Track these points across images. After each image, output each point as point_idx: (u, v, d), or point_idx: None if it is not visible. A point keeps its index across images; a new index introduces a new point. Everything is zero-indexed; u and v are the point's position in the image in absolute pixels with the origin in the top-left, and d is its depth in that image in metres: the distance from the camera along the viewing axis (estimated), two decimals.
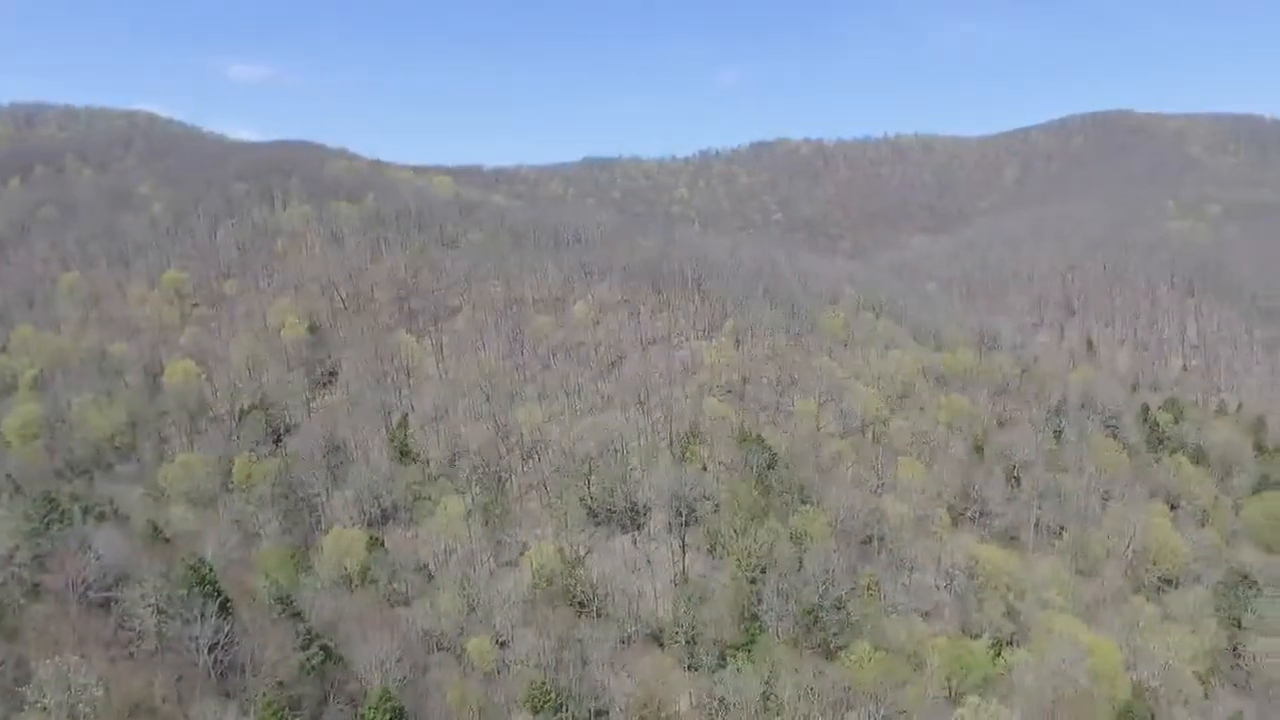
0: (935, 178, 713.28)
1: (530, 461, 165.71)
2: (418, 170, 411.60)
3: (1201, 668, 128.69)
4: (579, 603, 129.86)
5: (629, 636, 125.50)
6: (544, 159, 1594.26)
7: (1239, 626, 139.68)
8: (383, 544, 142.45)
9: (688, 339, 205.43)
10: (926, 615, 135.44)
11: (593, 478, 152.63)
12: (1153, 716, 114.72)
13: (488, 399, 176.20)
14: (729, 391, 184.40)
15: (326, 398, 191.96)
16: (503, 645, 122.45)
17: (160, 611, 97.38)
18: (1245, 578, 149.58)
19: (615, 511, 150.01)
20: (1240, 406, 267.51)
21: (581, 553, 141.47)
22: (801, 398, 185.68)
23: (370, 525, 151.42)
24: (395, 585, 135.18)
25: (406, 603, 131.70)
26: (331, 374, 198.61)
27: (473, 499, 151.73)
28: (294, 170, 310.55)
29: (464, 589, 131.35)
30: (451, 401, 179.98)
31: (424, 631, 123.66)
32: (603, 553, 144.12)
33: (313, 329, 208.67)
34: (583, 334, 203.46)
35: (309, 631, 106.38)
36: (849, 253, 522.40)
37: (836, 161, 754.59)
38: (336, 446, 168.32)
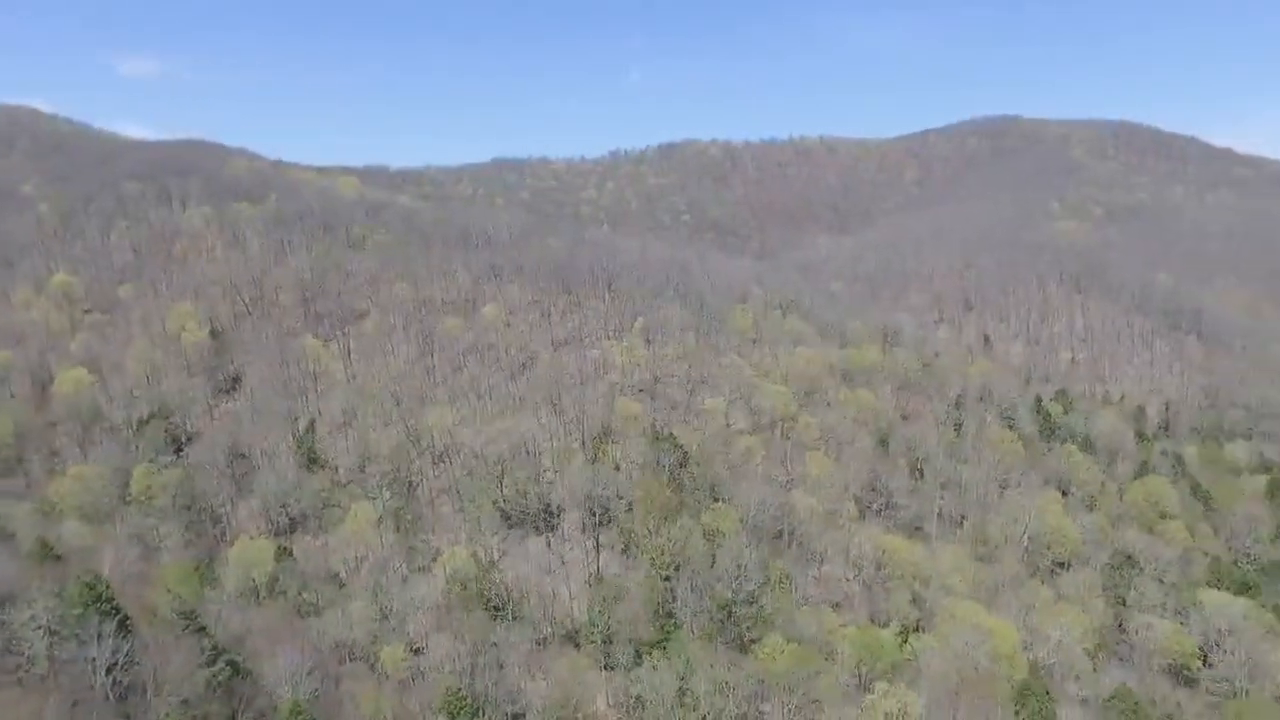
0: (839, 179, 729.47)
1: (442, 465, 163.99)
2: (321, 171, 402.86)
3: (1090, 644, 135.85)
4: (494, 606, 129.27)
5: (545, 638, 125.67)
6: (452, 159, 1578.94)
7: (1124, 604, 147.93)
8: (291, 553, 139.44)
9: (598, 339, 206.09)
10: (836, 606, 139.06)
11: (505, 480, 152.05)
12: (1048, 692, 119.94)
13: (397, 403, 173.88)
14: (640, 391, 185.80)
15: (229, 405, 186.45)
16: (417, 652, 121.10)
17: (52, 633, 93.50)
18: (1129, 558, 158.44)
19: (529, 513, 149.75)
20: (1123, 396, 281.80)
21: (495, 556, 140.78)
22: (711, 396, 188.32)
23: (278, 535, 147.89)
24: (305, 595, 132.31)
25: (317, 613, 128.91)
26: (235, 380, 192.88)
27: (384, 505, 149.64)
28: (192, 170, 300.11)
29: (376, 596, 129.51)
30: (360, 406, 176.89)
31: (336, 642, 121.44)
32: (517, 555, 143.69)
33: (214, 334, 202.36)
34: (493, 336, 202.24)
35: (215, 647, 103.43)
36: (756, 253, 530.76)
37: (743, 162, 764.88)
38: (241, 455, 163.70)
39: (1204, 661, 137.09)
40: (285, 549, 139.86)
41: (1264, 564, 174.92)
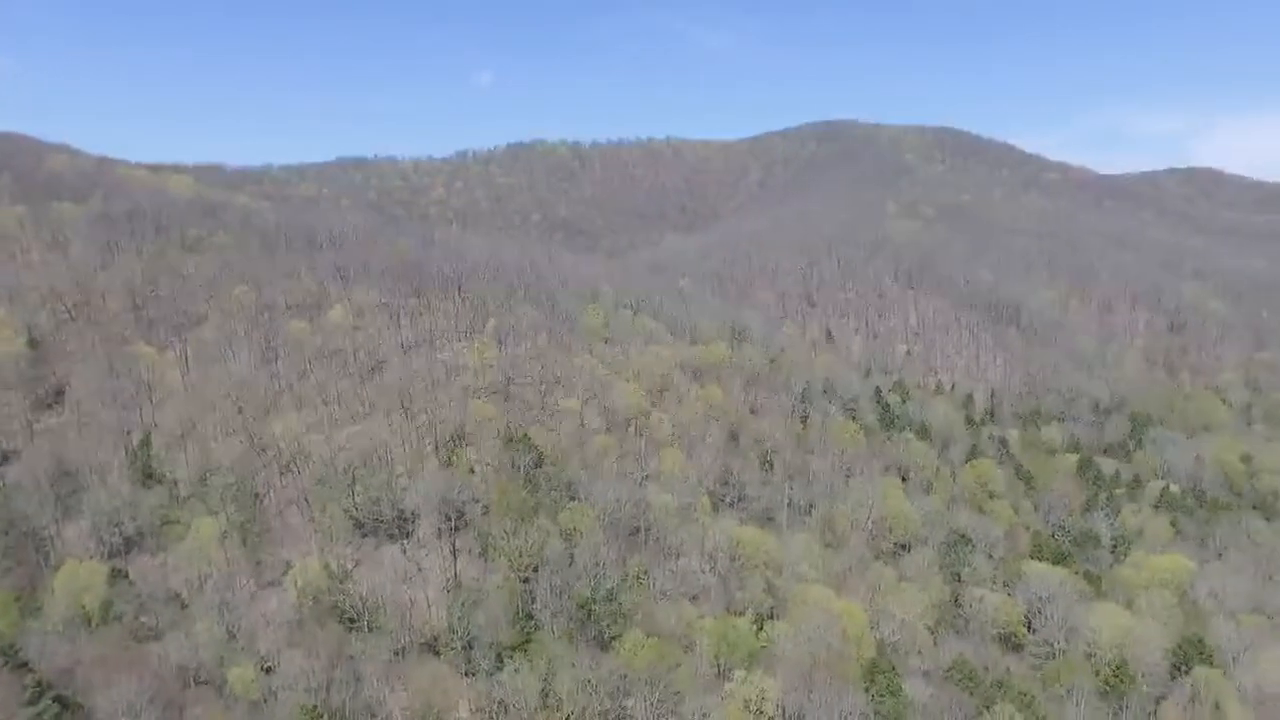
0: (685, 179, 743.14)
1: (289, 475, 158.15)
2: (153, 169, 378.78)
3: (931, 620, 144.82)
4: (349, 618, 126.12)
5: (403, 648, 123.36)
6: (293, 158, 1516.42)
7: (959, 580, 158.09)
8: (127, 575, 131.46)
9: (450, 341, 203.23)
10: (694, 598, 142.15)
11: (357, 488, 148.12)
12: (894, 668, 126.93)
13: (240, 411, 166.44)
14: (494, 393, 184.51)
15: (52, 419, 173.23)
16: (268, 671, 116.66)
17: None
18: (963, 537, 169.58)
19: (382, 521, 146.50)
20: (953, 386, 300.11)
21: (349, 566, 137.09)
22: (565, 395, 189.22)
23: (111, 556, 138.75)
24: (143, 619, 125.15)
25: (157, 637, 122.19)
26: (58, 393, 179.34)
27: (228, 519, 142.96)
28: (3, 166, 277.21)
29: (223, 615, 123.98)
30: (200, 416, 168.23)
31: (179, 666, 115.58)
32: (371, 564, 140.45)
33: (32, 343, 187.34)
34: (341, 339, 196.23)
35: (38, 683, 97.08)
36: (606, 252, 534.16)
37: (592, 163, 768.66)
38: (67, 472, 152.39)
39: (1028, 627, 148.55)
40: (119, 571, 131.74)
41: (1075, 535, 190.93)
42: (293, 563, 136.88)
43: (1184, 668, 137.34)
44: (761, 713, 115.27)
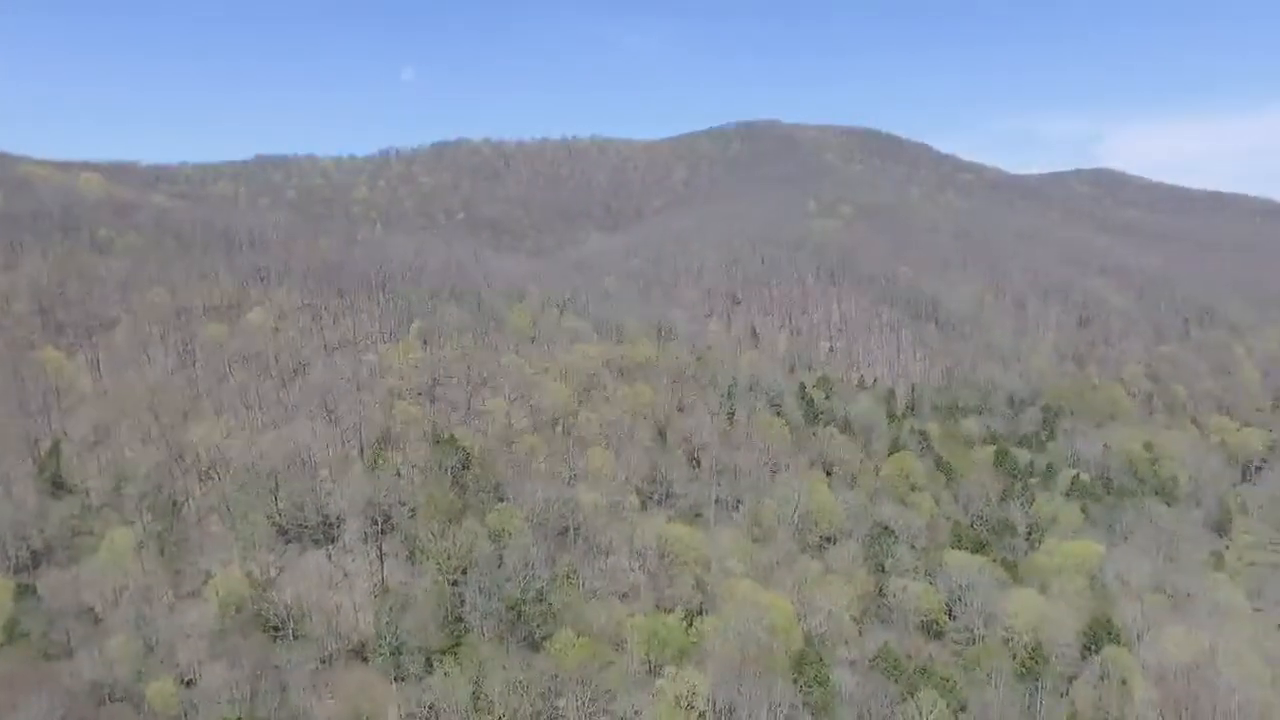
0: (610, 178, 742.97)
1: (209, 482, 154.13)
2: (60, 166, 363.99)
3: (856, 610, 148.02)
4: (273, 627, 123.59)
5: (330, 655, 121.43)
6: (209, 156, 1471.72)
7: (883, 570, 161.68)
8: (35, 591, 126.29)
9: (374, 343, 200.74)
10: (624, 596, 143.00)
11: (280, 493, 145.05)
12: (821, 659, 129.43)
13: (156, 417, 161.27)
14: (419, 394, 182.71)
15: None
16: (189, 684, 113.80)
17: None
18: (886, 529, 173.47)
19: (307, 526, 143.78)
20: (875, 380, 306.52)
21: (272, 573, 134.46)
22: (492, 396, 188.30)
23: (18, 571, 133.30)
24: (53, 636, 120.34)
25: (69, 654, 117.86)
26: None
27: (144, 528, 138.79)
28: None
29: (139, 629, 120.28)
30: (113, 423, 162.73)
31: (92, 683, 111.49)
32: (295, 571, 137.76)
33: None
34: (261, 342, 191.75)
35: None
36: (532, 251, 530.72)
37: (516, 162, 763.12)
38: None
39: (949, 615, 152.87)
40: (27, 586, 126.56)
41: (993, 524, 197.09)
42: (213, 572, 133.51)
43: (1094, 647, 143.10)
44: (692, 708, 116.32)
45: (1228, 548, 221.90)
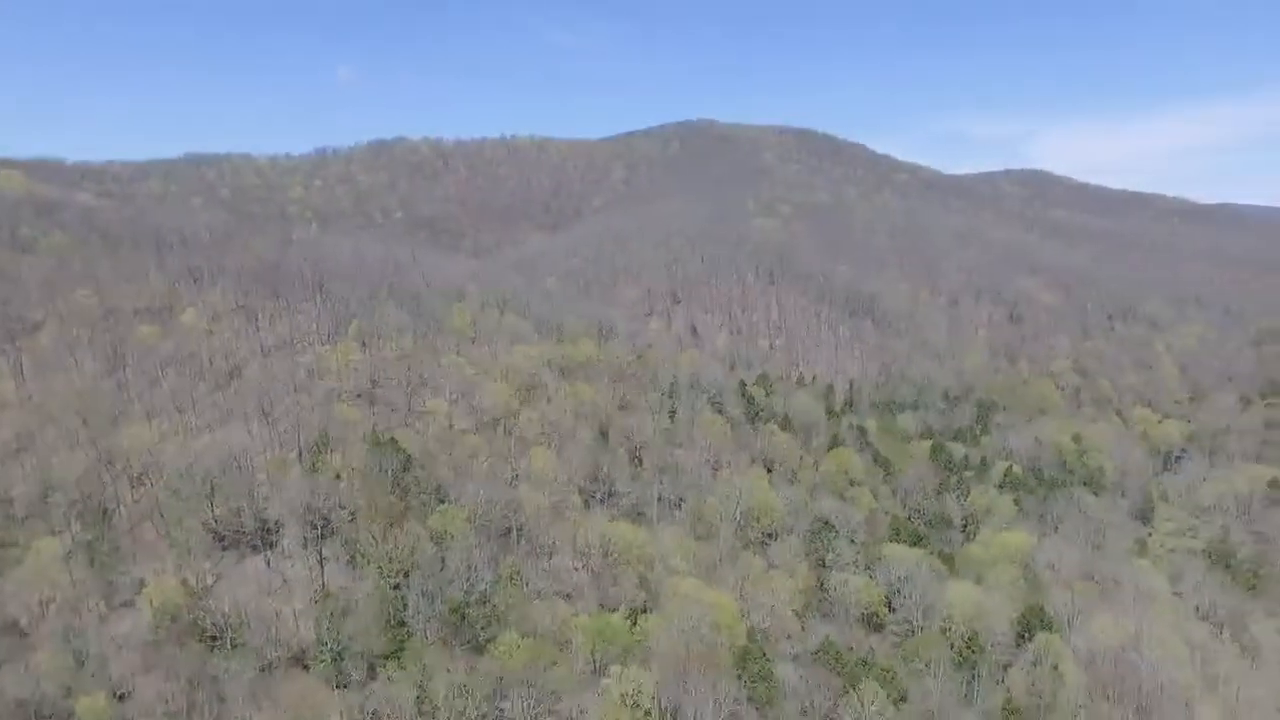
0: (550, 178, 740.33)
1: (142, 488, 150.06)
2: None
3: (798, 605, 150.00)
4: (210, 636, 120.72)
5: (270, 663, 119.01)
6: (138, 154, 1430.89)
7: (824, 565, 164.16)
8: None
9: (311, 344, 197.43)
10: (568, 596, 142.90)
11: (216, 499, 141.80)
12: (765, 654, 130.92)
13: (85, 423, 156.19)
14: (358, 396, 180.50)
15: None
16: (122, 698, 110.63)
17: None
18: (826, 524, 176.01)
19: (244, 532, 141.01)
20: (814, 377, 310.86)
21: (209, 581, 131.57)
22: (432, 396, 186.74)
23: None
24: None
25: None
26: None
27: (73, 538, 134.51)
28: None
29: (68, 642, 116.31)
30: (39, 429, 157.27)
31: (17, 701, 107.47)
32: (233, 578, 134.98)
33: None
34: (195, 344, 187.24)
35: None
36: (471, 250, 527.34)
37: (455, 161, 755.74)
38: None
39: (889, 607, 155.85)
40: None
41: (930, 517, 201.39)
42: (147, 581, 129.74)
43: (1027, 635, 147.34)
44: (638, 706, 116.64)
45: (1150, 535, 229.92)
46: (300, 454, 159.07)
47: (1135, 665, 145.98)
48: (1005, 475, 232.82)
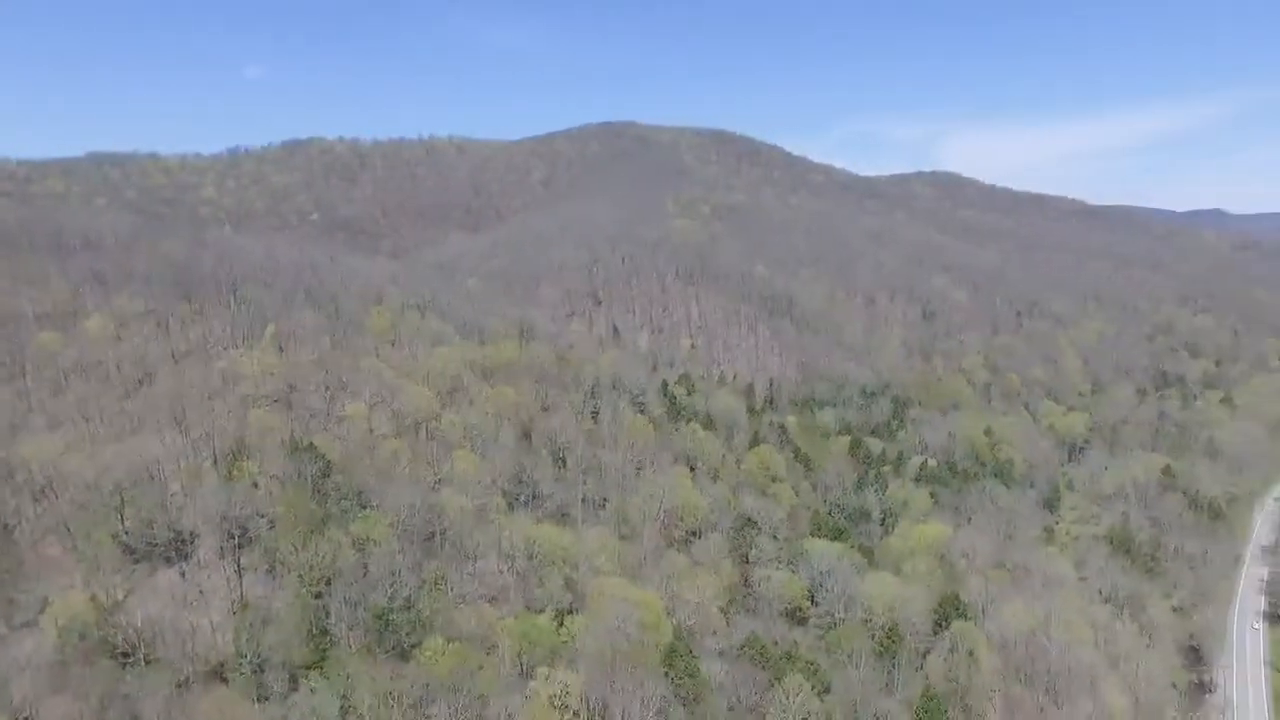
0: (469, 178, 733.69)
1: (45, 502, 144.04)
2: None
3: (723, 601, 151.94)
4: (122, 653, 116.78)
5: (186, 678, 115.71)
6: (37, 152, 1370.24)
7: (747, 561, 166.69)
8: None
9: (225, 349, 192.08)
10: (493, 600, 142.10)
11: (126, 510, 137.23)
12: (691, 651, 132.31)
13: None
14: (275, 401, 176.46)
15: None
16: None
17: None
18: (749, 520, 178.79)
19: (156, 544, 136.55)
20: (735, 376, 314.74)
21: (119, 596, 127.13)
22: (352, 401, 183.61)
23: None
24: None
25: None
26: None
27: None
28: None
29: None
30: None
31: None
32: (146, 592, 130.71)
33: None
34: (101, 351, 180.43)
35: None
36: (390, 252, 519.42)
37: (372, 161, 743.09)
38: None
39: (812, 601, 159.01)
40: None
41: (850, 511, 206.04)
42: (52, 598, 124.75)
43: (944, 623, 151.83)
44: (566, 707, 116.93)
45: (1057, 523, 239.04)
46: (216, 462, 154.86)
47: (1045, 648, 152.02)
48: (921, 469, 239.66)
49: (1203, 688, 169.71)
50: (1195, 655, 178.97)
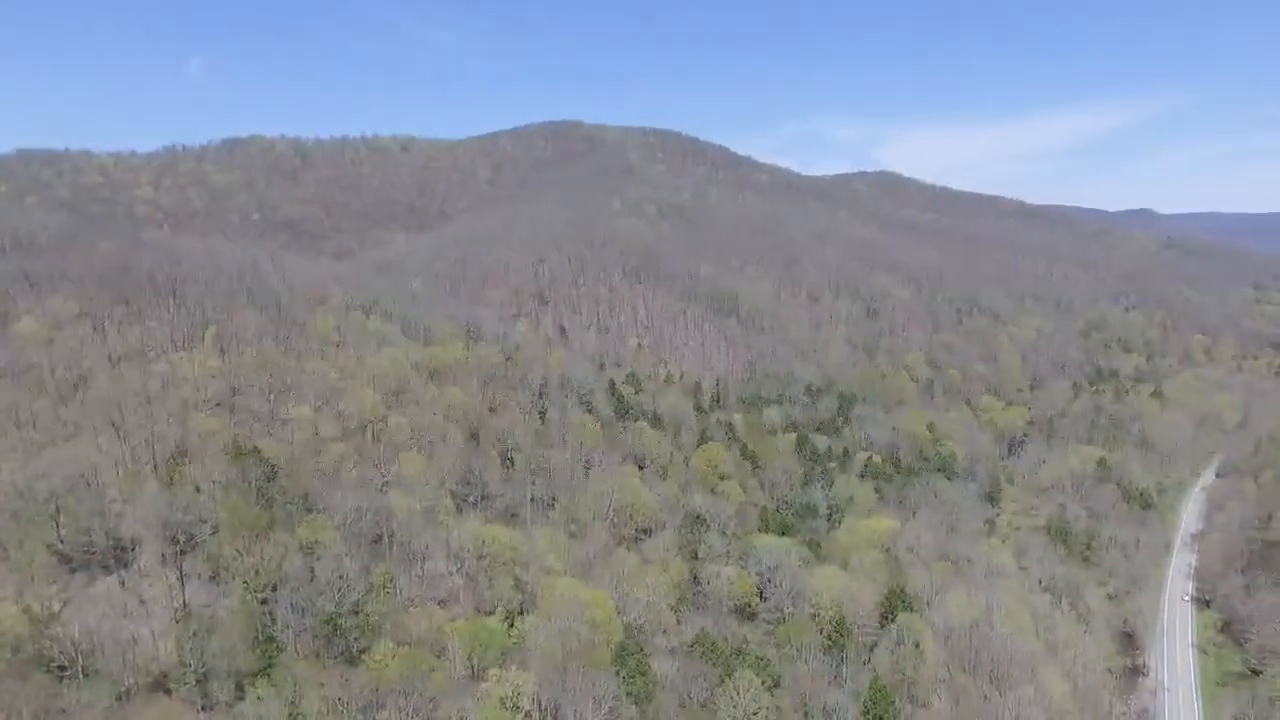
0: (414, 178, 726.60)
1: None
2: None
3: (673, 599, 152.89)
4: (58, 666, 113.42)
5: (127, 690, 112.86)
6: None
7: (696, 558, 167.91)
8: None
9: (165, 352, 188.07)
10: (443, 602, 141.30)
11: (62, 518, 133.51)
12: (642, 649, 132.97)
13: None
14: (217, 404, 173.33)
15: None
16: None
17: None
18: (698, 518, 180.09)
19: (95, 552, 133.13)
20: (682, 375, 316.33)
21: (55, 607, 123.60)
22: (297, 403, 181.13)
23: None
24: None
25: None
26: None
27: None
28: None
29: None
30: None
31: None
32: (83, 602, 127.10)
33: None
34: (34, 354, 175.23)
35: None
36: (334, 252, 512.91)
37: (315, 160, 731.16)
38: None
39: (761, 596, 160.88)
40: None
41: (797, 507, 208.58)
42: None
43: (890, 615, 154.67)
44: (518, 708, 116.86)
45: (998, 515, 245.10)
46: (156, 467, 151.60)
47: (987, 637, 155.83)
48: (866, 464, 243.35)
49: (1136, 671, 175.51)
50: (1129, 640, 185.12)
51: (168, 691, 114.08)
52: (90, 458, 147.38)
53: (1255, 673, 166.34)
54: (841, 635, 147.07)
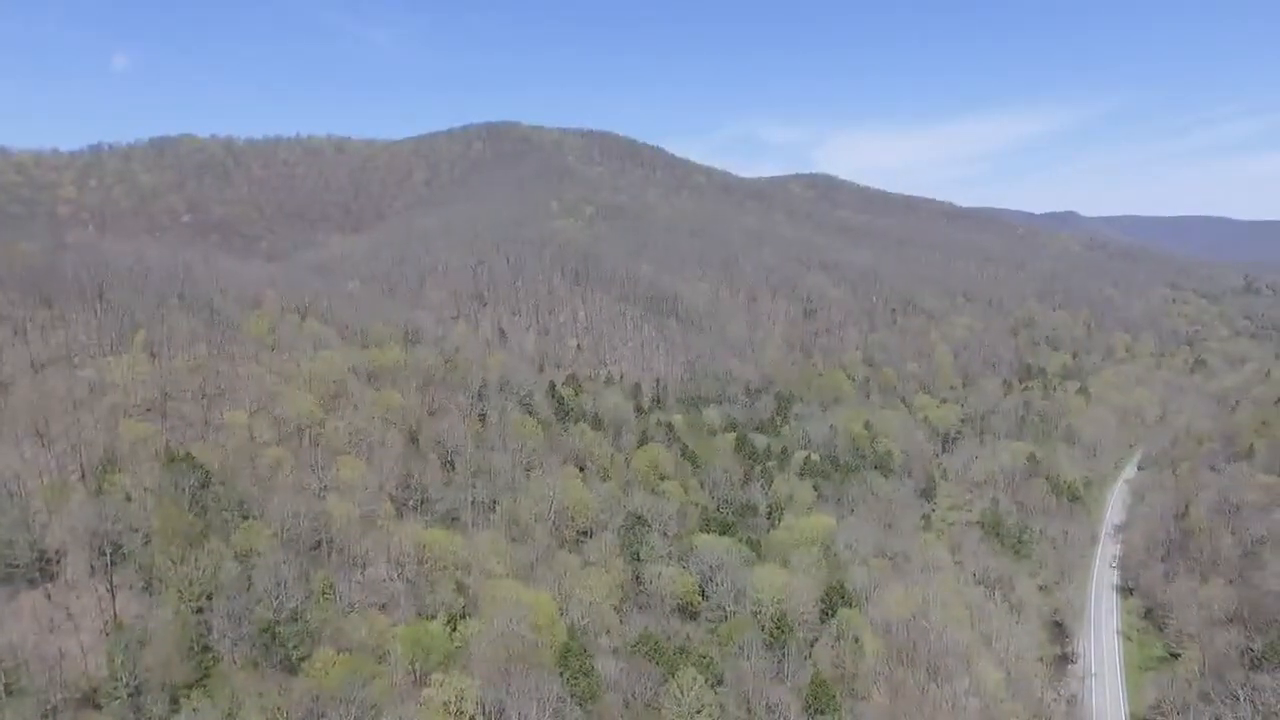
0: (349, 179, 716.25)
1: None
2: None
3: (615, 599, 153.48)
4: None
5: (54, 707, 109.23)
6: None
7: (638, 559, 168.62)
8: None
9: (92, 356, 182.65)
10: (383, 607, 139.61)
11: None
12: (585, 650, 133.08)
13: None
14: (148, 410, 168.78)
15: None
16: None
17: None
18: (639, 518, 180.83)
19: (18, 565, 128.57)
20: (622, 376, 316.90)
21: None
22: (231, 408, 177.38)
23: None
24: None
25: None
26: None
27: None
28: None
29: None
30: None
31: None
32: (6, 617, 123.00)
33: None
34: None
35: None
36: (268, 254, 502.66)
37: (247, 160, 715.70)
38: None
39: (703, 595, 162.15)
40: None
41: (737, 506, 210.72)
42: None
43: (830, 611, 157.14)
44: (462, 713, 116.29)
45: (933, 511, 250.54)
46: (83, 475, 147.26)
47: (924, 630, 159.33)
48: (805, 463, 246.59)
49: (1066, 659, 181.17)
50: (1059, 629, 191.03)
51: (98, 706, 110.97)
52: (12, 467, 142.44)
53: (1174, 656, 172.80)
54: (783, 632, 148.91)
